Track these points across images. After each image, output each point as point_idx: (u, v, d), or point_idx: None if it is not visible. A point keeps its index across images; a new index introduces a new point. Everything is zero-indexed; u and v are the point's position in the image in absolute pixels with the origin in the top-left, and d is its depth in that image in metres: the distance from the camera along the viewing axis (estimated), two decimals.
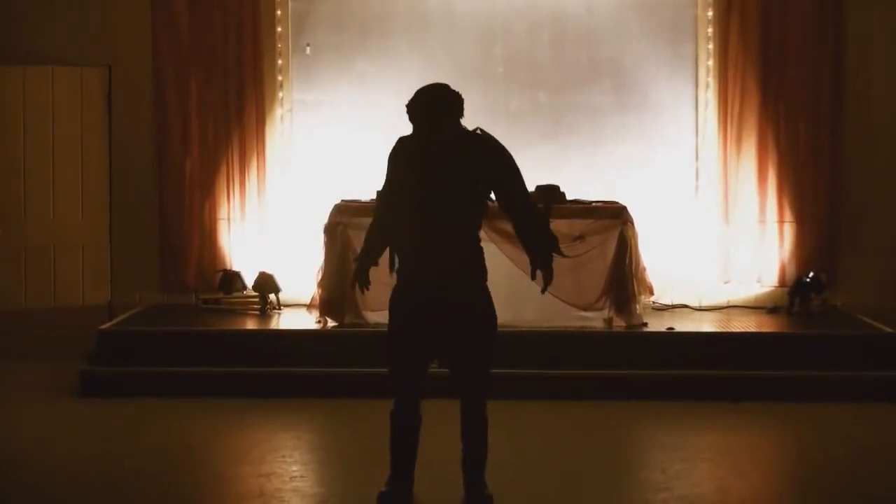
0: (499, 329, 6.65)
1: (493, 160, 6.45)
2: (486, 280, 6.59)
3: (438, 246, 6.41)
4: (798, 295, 10.68)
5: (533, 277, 6.61)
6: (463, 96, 6.51)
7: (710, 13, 11.05)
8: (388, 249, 6.73)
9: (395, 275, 6.71)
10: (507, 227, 8.13)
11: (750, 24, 10.91)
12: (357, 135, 11.02)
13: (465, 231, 6.49)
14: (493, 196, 6.52)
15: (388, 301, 9.80)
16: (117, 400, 9.23)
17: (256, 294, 10.68)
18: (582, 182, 10.46)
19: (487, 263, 6.64)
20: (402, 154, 6.56)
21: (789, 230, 10.94)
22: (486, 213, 6.57)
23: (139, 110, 11.04)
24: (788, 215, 10.93)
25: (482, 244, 6.63)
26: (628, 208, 9.91)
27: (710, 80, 11.06)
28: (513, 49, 11.16)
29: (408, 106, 6.50)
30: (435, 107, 6.43)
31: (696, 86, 11.12)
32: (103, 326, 10.01)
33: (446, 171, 6.40)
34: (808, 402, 9.14)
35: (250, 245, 10.99)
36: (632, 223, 9.84)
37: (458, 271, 6.46)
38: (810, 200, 10.92)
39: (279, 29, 11.14)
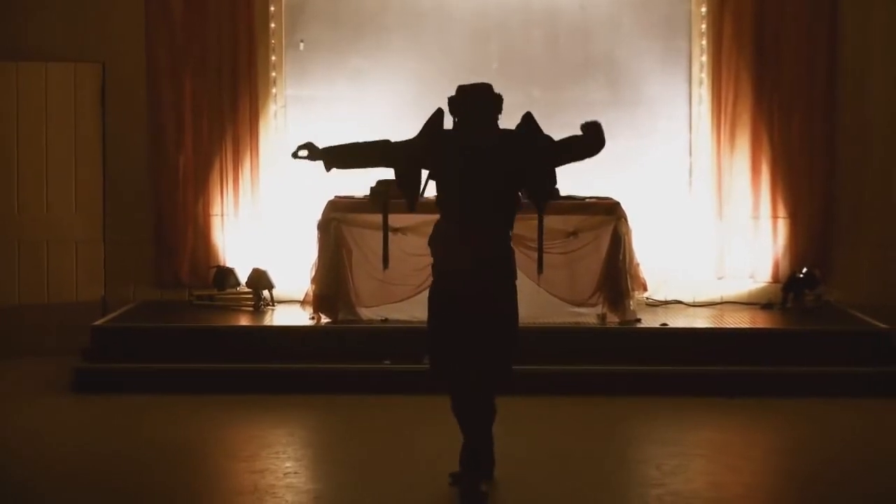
0: None
1: (526, 139, 6.87)
2: (515, 278, 6.86)
3: (478, 239, 6.71)
4: (792, 291, 10.69)
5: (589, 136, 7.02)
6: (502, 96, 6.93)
7: (704, 9, 11.05)
8: (384, 250, 6.94)
9: (389, 272, 6.86)
10: None
11: (743, 20, 10.91)
12: (351, 131, 10.95)
13: (502, 227, 6.82)
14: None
15: (382, 298, 9.90)
16: (111, 396, 9.23)
17: (250, 290, 10.67)
18: (575, 178, 10.43)
19: None
20: (445, 144, 6.81)
21: (783, 226, 10.95)
22: (518, 209, 6.91)
23: (133, 106, 11.03)
24: (782, 211, 10.94)
25: None
26: (622, 204, 9.91)
27: (704, 75, 11.07)
28: (507, 45, 11.15)
29: (451, 100, 6.81)
30: (480, 105, 6.80)
31: (690, 82, 11.12)
32: (97, 322, 10.00)
33: (489, 169, 6.72)
34: (801, 397, 9.15)
35: (244, 241, 10.99)
36: (625, 219, 9.85)
37: (494, 264, 6.75)
38: (804, 196, 10.93)
39: (273, 25, 11.13)
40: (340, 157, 7.03)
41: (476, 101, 6.80)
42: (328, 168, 7.01)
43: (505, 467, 7.10)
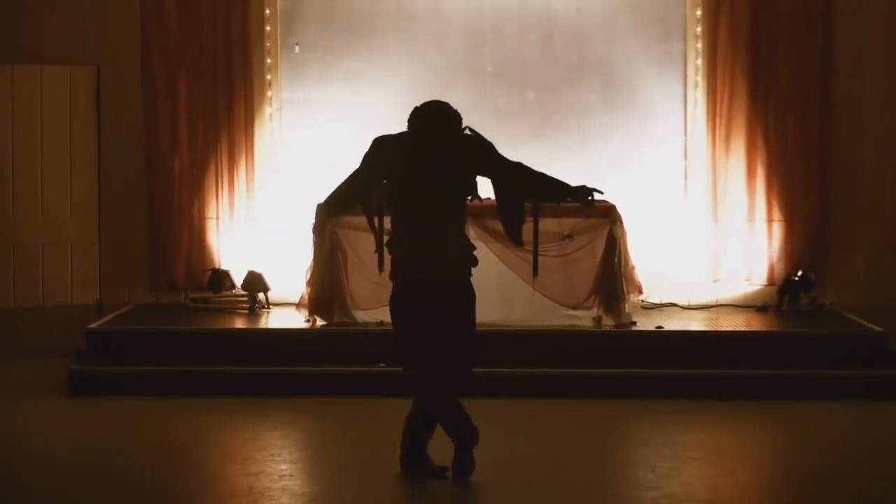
0: (488, 328, 6.83)
1: (476, 152, 6.95)
2: (471, 274, 7.04)
3: (441, 246, 6.88)
4: (787, 293, 10.70)
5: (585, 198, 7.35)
6: (460, 113, 6.95)
7: (699, 12, 11.06)
8: (377, 250, 7.13)
9: (384, 275, 7.02)
10: (497, 226, 8.17)
11: (738, 23, 10.92)
12: (346, 134, 11.00)
13: (459, 228, 7.02)
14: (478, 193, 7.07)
15: (377, 300, 9.90)
16: (106, 399, 9.22)
17: (245, 293, 10.67)
18: (570, 181, 10.41)
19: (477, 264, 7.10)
20: (396, 154, 6.93)
21: (778, 228, 10.96)
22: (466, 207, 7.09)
23: (128, 109, 11.03)
24: (777, 214, 10.95)
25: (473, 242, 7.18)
26: (617, 207, 9.90)
27: (699, 78, 11.08)
28: (501, 47, 11.16)
29: (410, 118, 6.92)
30: (436, 121, 6.88)
31: (685, 84, 11.13)
32: (92, 325, 9.99)
33: (441, 174, 6.86)
34: (796, 400, 9.15)
35: (239, 244, 10.99)
36: (621, 222, 9.85)
37: (460, 269, 6.94)
38: (799, 199, 10.94)
39: (268, 27, 11.13)
40: (333, 208, 7.23)
41: (435, 114, 6.91)
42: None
43: (499, 470, 7.11)
